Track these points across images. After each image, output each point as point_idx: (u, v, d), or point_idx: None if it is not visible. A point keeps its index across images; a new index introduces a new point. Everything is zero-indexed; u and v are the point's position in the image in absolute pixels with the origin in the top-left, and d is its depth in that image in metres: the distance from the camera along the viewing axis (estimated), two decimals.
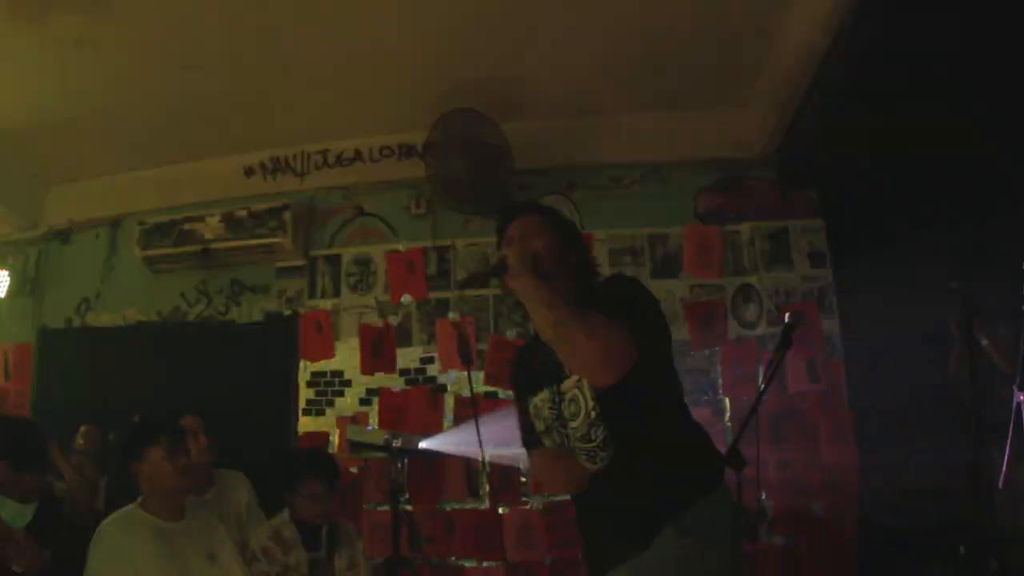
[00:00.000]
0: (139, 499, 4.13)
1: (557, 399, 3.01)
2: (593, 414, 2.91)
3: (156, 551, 3.93)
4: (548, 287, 2.86)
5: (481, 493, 6.02)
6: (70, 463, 4.90)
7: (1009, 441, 4.38)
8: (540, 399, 3.07)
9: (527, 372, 3.20)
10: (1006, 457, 4.39)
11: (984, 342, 4.99)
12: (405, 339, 6.32)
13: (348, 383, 6.32)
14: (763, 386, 3.89)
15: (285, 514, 4.78)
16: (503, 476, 5.97)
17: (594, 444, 2.93)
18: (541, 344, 2.99)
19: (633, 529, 2.86)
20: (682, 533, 2.79)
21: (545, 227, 3.14)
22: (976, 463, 3.46)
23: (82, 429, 5.68)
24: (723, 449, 3.41)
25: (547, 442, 3.08)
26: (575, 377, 2.94)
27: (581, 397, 2.93)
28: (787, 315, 3.75)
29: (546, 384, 3.05)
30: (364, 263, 6.47)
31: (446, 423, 6.10)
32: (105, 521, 4.03)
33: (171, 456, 4.12)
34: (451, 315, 6.29)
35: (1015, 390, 4.34)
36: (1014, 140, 4.77)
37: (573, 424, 2.96)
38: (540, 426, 3.09)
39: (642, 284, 3.13)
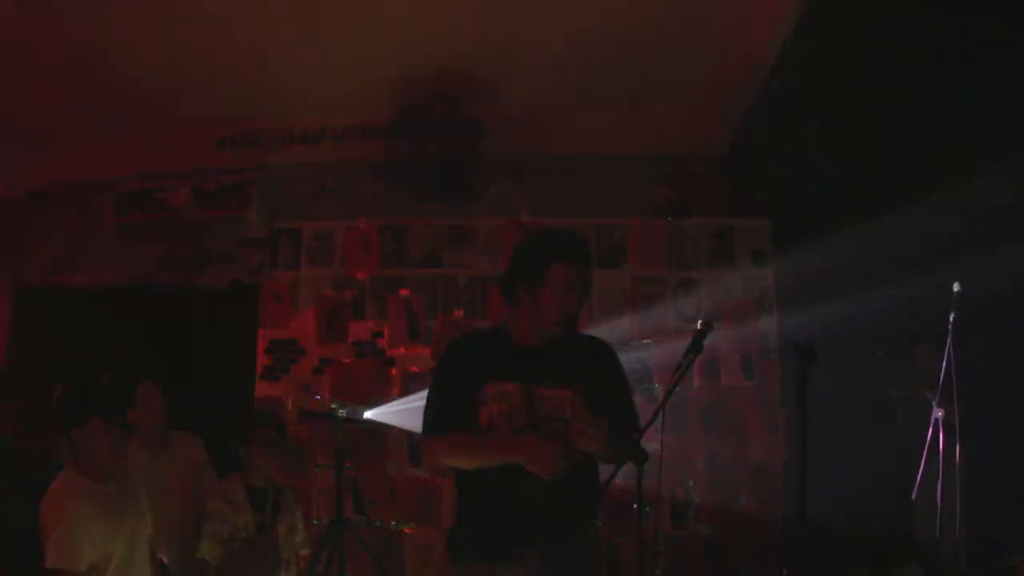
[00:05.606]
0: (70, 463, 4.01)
1: (533, 397, 3.15)
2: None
3: (92, 510, 3.85)
4: None
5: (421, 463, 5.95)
6: None
7: (924, 455, 4.31)
8: (508, 390, 3.17)
9: (478, 361, 3.28)
10: (920, 470, 4.33)
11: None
12: (359, 313, 6.27)
13: (303, 352, 6.28)
14: (672, 386, 3.78)
15: (236, 478, 4.72)
16: None
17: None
18: (505, 342, 3.28)
19: (542, 526, 3.08)
20: (572, 549, 3.12)
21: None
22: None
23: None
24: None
25: (502, 424, 3.17)
26: (560, 388, 3.14)
27: (564, 405, 3.11)
28: (699, 322, 3.57)
29: (516, 379, 3.17)
30: (324, 238, 6.38)
31: (393, 394, 6.05)
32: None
33: (109, 428, 3.96)
34: (402, 293, 6.23)
35: (934, 405, 4.26)
36: (964, 143, 4.65)
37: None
38: (497, 409, 3.17)
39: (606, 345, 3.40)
